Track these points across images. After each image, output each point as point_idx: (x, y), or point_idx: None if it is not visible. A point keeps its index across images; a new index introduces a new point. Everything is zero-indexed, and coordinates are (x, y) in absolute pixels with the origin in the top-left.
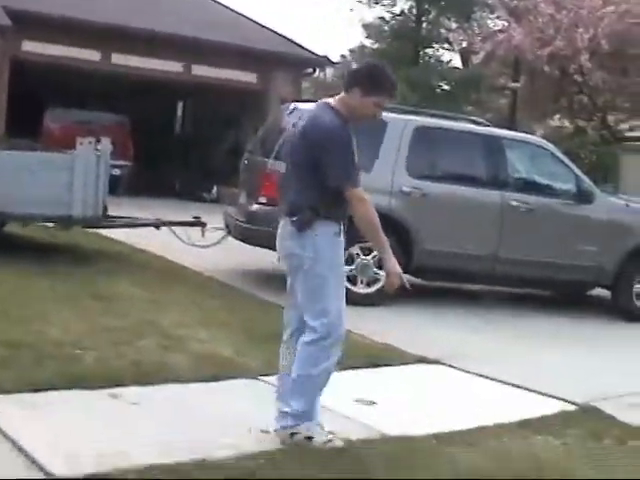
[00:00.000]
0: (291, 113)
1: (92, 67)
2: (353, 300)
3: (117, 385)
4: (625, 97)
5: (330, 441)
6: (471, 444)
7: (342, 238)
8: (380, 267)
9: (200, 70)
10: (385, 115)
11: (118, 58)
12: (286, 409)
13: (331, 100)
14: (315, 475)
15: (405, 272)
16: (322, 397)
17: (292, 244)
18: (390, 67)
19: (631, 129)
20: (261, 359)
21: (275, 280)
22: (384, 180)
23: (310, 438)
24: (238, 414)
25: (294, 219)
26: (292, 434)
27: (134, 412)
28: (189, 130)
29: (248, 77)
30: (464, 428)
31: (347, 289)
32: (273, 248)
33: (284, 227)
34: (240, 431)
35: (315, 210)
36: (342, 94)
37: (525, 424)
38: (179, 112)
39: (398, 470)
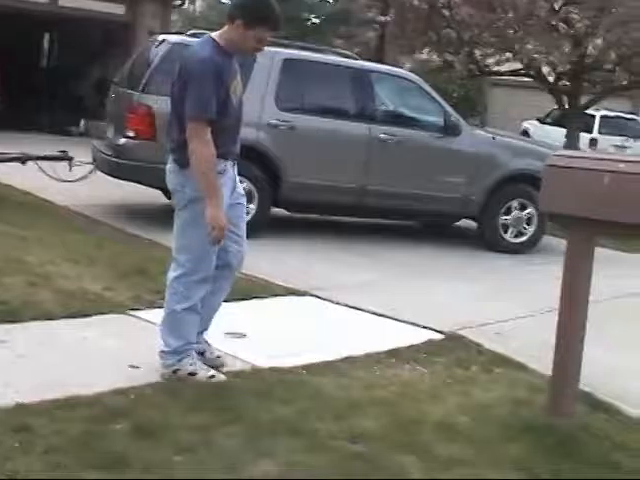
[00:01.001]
0: (159, 45)
1: None
2: None
3: None
4: (491, 32)
5: (213, 376)
6: (341, 374)
7: (229, 176)
8: (250, 200)
9: (67, 1)
10: None
11: None
12: (165, 348)
13: (214, 33)
14: (184, 408)
15: (273, 205)
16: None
17: (175, 180)
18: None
19: (497, 63)
20: (130, 294)
21: (142, 214)
22: (252, 113)
23: (193, 374)
24: (108, 350)
25: (175, 157)
26: (175, 371)
27: (1, 351)
28: (56, 63)
29: (116, 9)
30: (334, 359)
31: None
32: (140, 181)
33: (169, 163)
34: (110, 367)
35: None
36: (225, 26)
37: (394, 353)
38: (46, 44)
39: (269, 403)
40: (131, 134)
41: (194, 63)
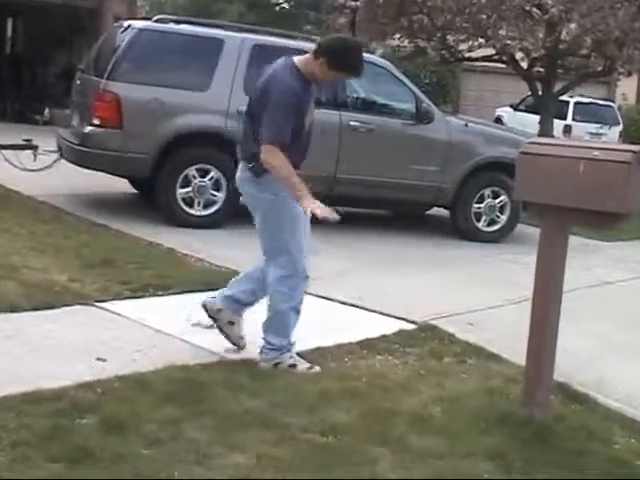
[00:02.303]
0: (124, 31)
1: None
2: (190, 222)
3: None
4: (464, 17)
5: (311, 368)
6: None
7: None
8: (217, 189)
9: None
10: (221, 33)
11: None
12: (267, 346)
13: (297, 59)
14: (153, 401)
15: None
16: (160, 322)
17: (250, 188)
18: (363, 46)
19: (470, 49)
20: (96, 285)
21: (108, 204)
22: (220, 100)
23: (293, 366)
24: (74, 342)
25: (250, 166)
26: (276, 364)
27: None
28: (20, 50)
29: None
30: (305, 349)
31: (184, 211)
32: (106, 170)
33: (242, 172)
34: (76, 360)
35: None
36: (309, 56)
37: (365, 344)
38: (9, 31)
39: (239, 395)
40: (96, 122)
41: (280, 90)
